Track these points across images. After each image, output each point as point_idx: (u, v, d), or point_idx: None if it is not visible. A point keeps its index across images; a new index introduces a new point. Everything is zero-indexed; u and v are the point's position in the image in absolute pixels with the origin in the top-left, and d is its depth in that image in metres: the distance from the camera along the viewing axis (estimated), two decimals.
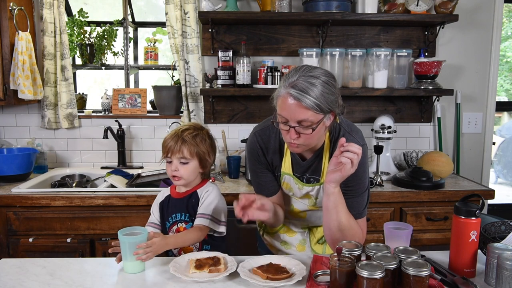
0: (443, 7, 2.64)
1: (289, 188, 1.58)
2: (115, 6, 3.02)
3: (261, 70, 2.65)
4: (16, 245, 2.21)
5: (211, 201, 1.57)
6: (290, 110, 1.31)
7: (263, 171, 1.57)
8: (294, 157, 1.52)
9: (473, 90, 2.93)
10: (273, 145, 1.54)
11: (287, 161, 1.53)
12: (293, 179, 1.54)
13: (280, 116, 1.35)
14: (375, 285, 1.08)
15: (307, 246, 1.68)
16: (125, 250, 1.33)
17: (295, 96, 1.29)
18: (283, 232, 1.70)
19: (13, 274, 1.31)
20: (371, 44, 2.81)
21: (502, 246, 1.24)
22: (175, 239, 1.50)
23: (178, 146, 1.53)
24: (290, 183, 1.56)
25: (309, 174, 1.52)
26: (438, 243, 2.33)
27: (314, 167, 1.51)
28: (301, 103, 1.29)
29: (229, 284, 1.25)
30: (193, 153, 1.54)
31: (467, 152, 2.97)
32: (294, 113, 1.31)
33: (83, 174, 2.70)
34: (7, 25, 2.42)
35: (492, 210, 3.15)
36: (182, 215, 1.59)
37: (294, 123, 1.33)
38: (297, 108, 1.30)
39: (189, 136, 1.54)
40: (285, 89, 1.32)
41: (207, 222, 1.53)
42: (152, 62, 2.94)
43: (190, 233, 1.52)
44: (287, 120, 1.34)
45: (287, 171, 1.54)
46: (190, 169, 1.55)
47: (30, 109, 2.79)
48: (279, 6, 2.53)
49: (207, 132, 1.62)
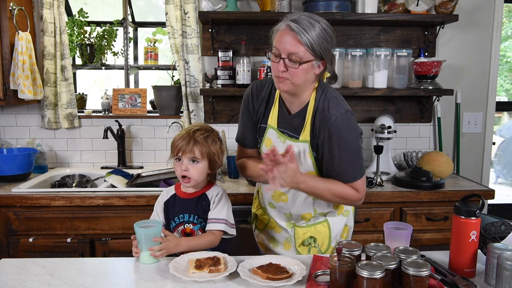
0: (443, 7, 2.64)
1: (270, 145, 1.58)
2: (115, 6, 3.02)
3: (261, 70, 2.65)
4: (16, 245, 2.21)
5: (223, 205, 1.57)
6: (284, 41, 1.39)
7: (248, 118, 1.65)
8: (281, 109, 1.57)
9: (473, 90, 2.93)
10: (264, 94, 1.61)
11: (274, 114, 1.58)
12: (276, 133, 1.57)
13: (274, 48, 1.43)
14: (375, 285, 1.08)
15: (292, 245, 1.68)
16: (141, 241, 1.40)
17: (292, 28, 1.38)
18: (270, 228, 1.73)
19: (13, 274, 1.31)
20: (371, 44, 2.81)
21: (502, 246, 1.24)
22: (187, 241, 1.49)
23: (190, 146, 1.52)
24: (272, 138, 1.59)
25: (291, 132, 1.55)
26: (438, 243, 2.33)
27: (297, 123, 1.54)
28: (296, 36, 1.38)
29: (229, 284, 1.25)
30: (204, 154, 1.54)
31: (467, 152, 2.97)
32: (287, 45, 1.39)
33: (83, 174, 2.70)
34: (7, 25, 2.42)
35: (492, 210, 3.15)
36: (191, 217, 1.58)
37: (285, 55, 1.40)
38: (291, 40, 1.38)
39: (201, 137, 1.54)
40: (284, 22, 1.41)
41: (222, 226, 1.53)
42: (152, 62, 2.94)
43: (203, 237, 1.52)
44: (280, 52, 1.41)
45: (273, 124, 1.58)
46: (200, 170, 1.55)
47: (30, 109, 2.79)
48: (279, 6, 2.53)
49: (217, 134, 1.63)
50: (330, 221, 1.66)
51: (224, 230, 1.54)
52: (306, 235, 1.66)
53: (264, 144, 1.61)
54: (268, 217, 1.73)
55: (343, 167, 1.49)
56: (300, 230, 1.66)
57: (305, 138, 1.51)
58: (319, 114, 1.48)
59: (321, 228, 1.66)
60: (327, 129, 1.46)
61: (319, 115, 1.48)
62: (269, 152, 1.37)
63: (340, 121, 1.45)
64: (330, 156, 1.48)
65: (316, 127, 1.49)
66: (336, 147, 1.46)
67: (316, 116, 1.49)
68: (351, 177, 1.50)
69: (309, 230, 1.66)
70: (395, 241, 1.34)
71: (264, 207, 1.76)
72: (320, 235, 1.65)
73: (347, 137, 1.46)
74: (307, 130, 1.51)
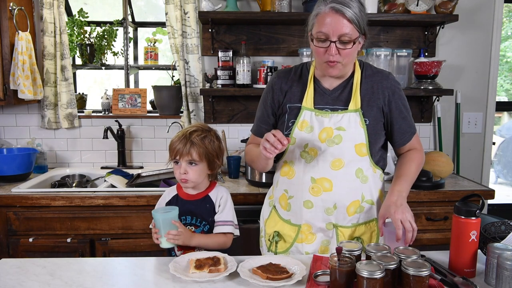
0: (443, 7, 2.64)
1: (306, 127, 1.49)
2: (115, 6, 3.02)
3: (261, 70, 2.65)
4: (16, 245, 2.21)
5: (230, 206, 1.58)
6: (332, 24, 1.36)
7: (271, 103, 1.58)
8: (318, 87, 1.53)
9: (473, 90, 2.93)
10: (292, 76, 1.57)
11: (309, 95, 1.52)
12: (313, 113, 1.50)
13: (320, 33, 1.38)
14: (375, 285, 1.08)
15: (329, 249, 1.51)
16: (159, 226, 1.43)
17: (338, 9, 1.35)
18: (300, 241, 1.53)
19: (13, 274, 1.31)
20: (371, 44, 2.81)
21: (502, 246, 1.24)
22: (200, 238, 1.50)
23: (187, 148, 1.50)
24: (308, 119, 1.50)
25: (334, 106, 1.50)
26: (438, 243, 2.33)
27: (342, 96, 1.51)
28: (344, 15, 1.35)
29: (229, 284, 1.25)
30: (202, 156, 1.52)
31: (467, 152, 2.97)
32: (336, 26, 1.36)
33: (83, 174, 2.70)
34: (7, 25, 2.42)
35: (492, 210, 3.15)
36: (193, 219, 1.57)
37: (335, 38, 1.37)
38: (339, 21, 1.36)
39: (197, 138, 1.52)
40: (326, 5, 1.38)
41: (232, 229, 1.54)
42: (152, 62, 2.94)
43: (215, 237, 1.52)
44: (327, 36, 1.38)
45: (308, 106, 1.51)
46: (199, 172, 1.53)
47: (30, 109, 2.79)
48: (279, 6, 2.53)
49: (215, 133, 1.60)
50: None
51: (233, 232, 1.55)
52: (353, 235, 1.51)
53: (297, 127, 1.51)
54: (298, 227, 1.54)
55: (410, 118, 1.55)
56: (345, 231, 1.51)
57: (356, 107, 1.48)
58: (369, 80, 1.52)
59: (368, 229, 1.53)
60: (388, 88, 1.51)
61: (370, 81, 1.52)
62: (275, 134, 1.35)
63: (393, 77, 1.54)
64: (399, 111, 1.52)
65: (370, 93, 1.50)
66: (401, 102, 1.52)
67: (366, 83, 1.51)
68: (414, 128, 1.58)
69: (357, 230, 1.51)
70: (395, 241, 1.34)
71: (287, 220, 1.57)
72: (366, 236, 1.53)
73: (402, 91, 1.55)
74: (357, 99, 1.48)
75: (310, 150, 1.48)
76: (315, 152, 1.47)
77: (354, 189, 1.49)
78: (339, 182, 1.47)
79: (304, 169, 1.50)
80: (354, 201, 1.49)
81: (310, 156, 1.48)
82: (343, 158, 1.46)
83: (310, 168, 1.49)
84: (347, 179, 1.47)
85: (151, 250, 2.22)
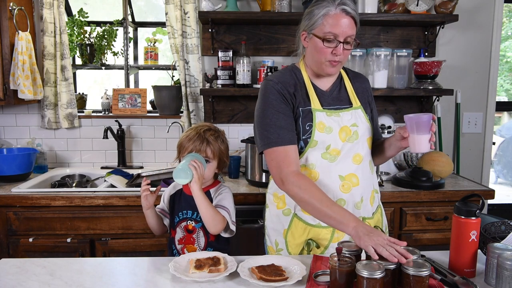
0: (443, 7, 2.64)
1: (324, 128, 1.47)
2: (115, 6, 3.02)
3: (261, 70, 2.65)
4: (16, 245, 2.21)
5: (226, 196, 1.60)
6: (344, 25, 1.41)
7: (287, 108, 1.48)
8: (316, 89, 1.55)
9: (473, 90, 2.93)
10: (289, 81, 1.53)
11: (313, 96, 1.52)
12: (325, 113, 1.49)
13: (330, 33, 1.42)
14: (375, 285, 1.08)
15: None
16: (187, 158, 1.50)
17: (349, 12, 1.41)
18: (336, 241, 1.49)
19: (13, 274, 1.31)
20: (371, 44, 2.81)
21: (502, 246, 1.24)
22: (203, 197, 1.49)
23: (204, 146, 1.55)
24: (324, 120, 1.48)
25: (334, 105, 1.54)
26: (438, 243, 2.33)
27: (340, 95, 1.57)
28: (353, 18, 1.43)
29: (229, 284, 1.25)
30: (215, 154, 1.58)
31: (467, 152, 2.97)
32: (347, 29, 1.42)
33: (83, 174, 2.71)
34: (7, 25, 2.42)
35: (492, 210, 3.15)
36: (194, 214, 1.59)
37: (343, 39, 1.42)
38: (350, 23, 1.42)
39: (212, 137, 1.57)
40: (335, 6, 1.41)
41: (225, 214, 1.54)
42: (152, 62, 2.94)
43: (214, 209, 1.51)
44: (336, 37, 1.42)
45: (317, 107, 1.50)
46: (211, 170, 1.59)
47: (30, 109, 2.79)
48: (279, 6, 2.53)
49: (223, 133, 1.66)
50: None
51: (227, 219, 1.54)
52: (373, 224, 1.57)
53: (317, 129, 1.47)
54: (332, 228, 1.48)
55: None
56: (371, 222, 1.55)
57: (358, 103, 1.57)
58: (355, 81, 1.62)
59: (379, 216, 1.62)
60: (368, 90, 1.64)
61: (356, 81, 1.62)
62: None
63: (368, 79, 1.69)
64: (375, 111, 1.68)
65: (360, 92, 1.60)
66: (374, 104, 1.67)
67: (354, 83, 1.61)
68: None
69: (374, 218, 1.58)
70: (418, 130, 1.38)
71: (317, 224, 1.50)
72: (379, 223, 1.62)
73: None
74: (355, 97, 1.58)
75: (332, 150, 1.49)
76: (337, 152, 1.49)
77: (370, 180, 1.58)
78: (362, 175, 1.53)
79: (329, 169, 1.48)
80: (372, 191, 1.58)
81: (332, 156, 1.49)
82: (361, 152, 1.53)
83: (335, 167, 1.49)
84: (367, 172, 1.55)
85: (151, 250, 2.22)
